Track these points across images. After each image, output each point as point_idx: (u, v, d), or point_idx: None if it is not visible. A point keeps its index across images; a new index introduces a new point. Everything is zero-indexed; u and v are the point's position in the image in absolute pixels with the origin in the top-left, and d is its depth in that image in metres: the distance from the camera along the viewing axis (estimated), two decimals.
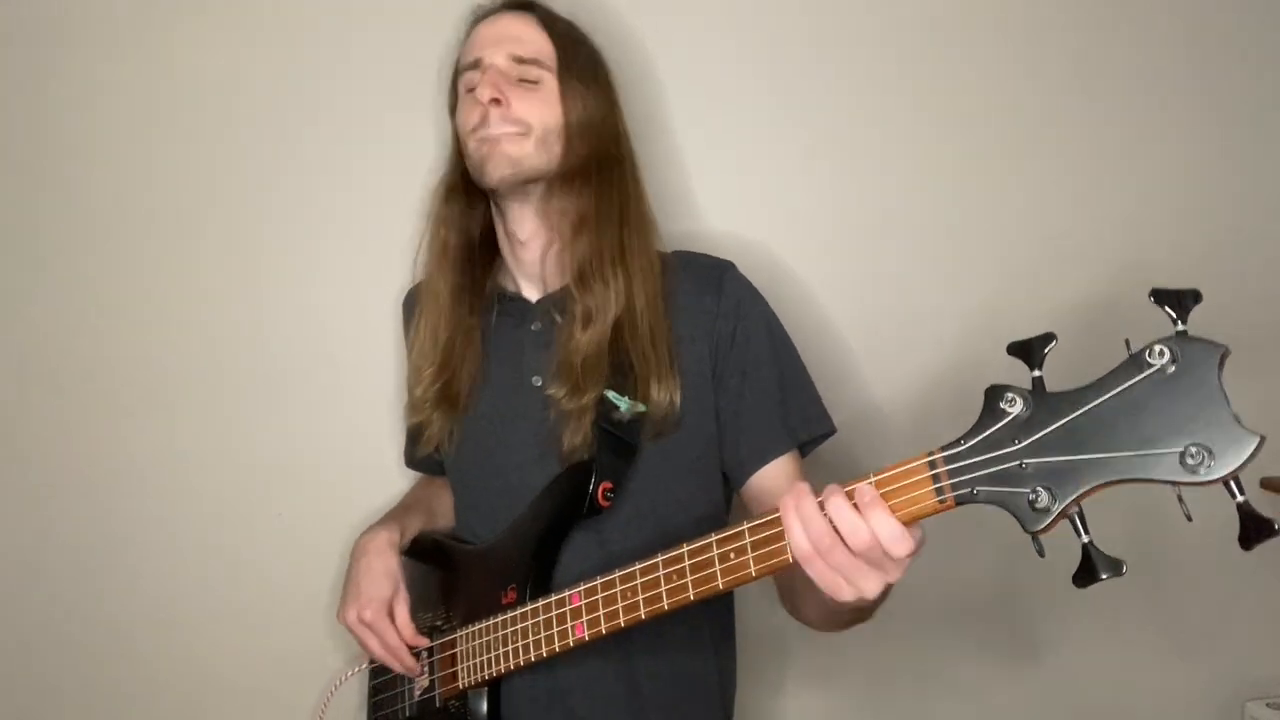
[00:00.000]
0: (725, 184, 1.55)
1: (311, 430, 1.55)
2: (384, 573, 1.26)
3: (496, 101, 1.17)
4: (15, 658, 1.55)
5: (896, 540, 0.82)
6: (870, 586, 0.85)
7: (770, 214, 1.55)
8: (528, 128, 1.18)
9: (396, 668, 1.26)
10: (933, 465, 0.82)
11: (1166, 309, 0.75)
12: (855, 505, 0.84)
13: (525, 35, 1.21)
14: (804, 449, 1.24)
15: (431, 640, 1.27)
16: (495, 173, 1.18)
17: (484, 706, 1.20)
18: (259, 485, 1.55)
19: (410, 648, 1.25)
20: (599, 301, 1.18)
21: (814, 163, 1.55)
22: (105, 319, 1.54)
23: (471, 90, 1.20)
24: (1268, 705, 1.60)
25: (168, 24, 1.51)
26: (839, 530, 0.84)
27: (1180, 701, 1.63)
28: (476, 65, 1.21)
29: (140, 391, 1.54)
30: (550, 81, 1.20)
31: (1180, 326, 0.75)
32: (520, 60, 1.19)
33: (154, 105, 1.52)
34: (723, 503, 1.26)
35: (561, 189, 1.21)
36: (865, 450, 1.50)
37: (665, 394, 1.17)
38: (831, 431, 1.24)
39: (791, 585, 1.14)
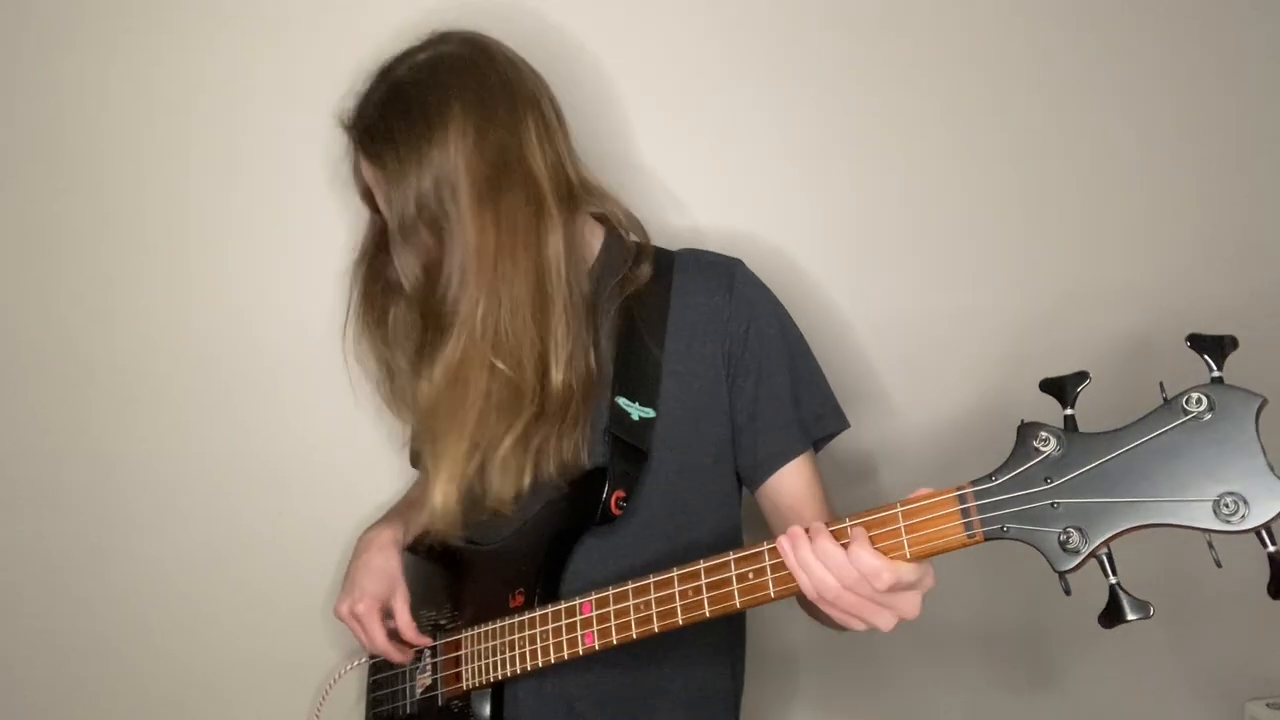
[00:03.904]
0: (735, 180, 1.54)
1: (310, 430, 1.53)
2: (383, 570, 1.26)
3: None
4: (9, 659, 1.54)
5: (875, 574, 0.84)
6: (882, 622, 0.87)
7: (785, 210, 1.54)
8: None
9: (394, 657, 1.27)
10: (962, 500, 0.83)
11: (1205, 357, 0.76)
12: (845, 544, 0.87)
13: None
14: (817, 445, 1.24)
15: (434, 639, 1.27)
16: None
17: (487, 709, 1.20)
18: (258, 485, 1.53)
19: (411, 646, 1.26)
20: None
21: (828, 154, 1.54)
22: (98, 318, 1.52)
23: None
24: (1268, 705, 1.59)
25: (163, 25, 1.48)
26: (835, 572, 0.87)
27: (1180, 701, 1.62)
28: None
29: (136, 391, 1.52)
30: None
31: (1216, 373, 0.75)
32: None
33: (148, 107, 1.49)
34: (737, 506, 1.25)
35: None
36: (882, 453, 1.51)
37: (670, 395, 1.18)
38: (845, 427, 1.24)
39: None
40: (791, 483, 1.20)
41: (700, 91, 1.51)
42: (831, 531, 0.89)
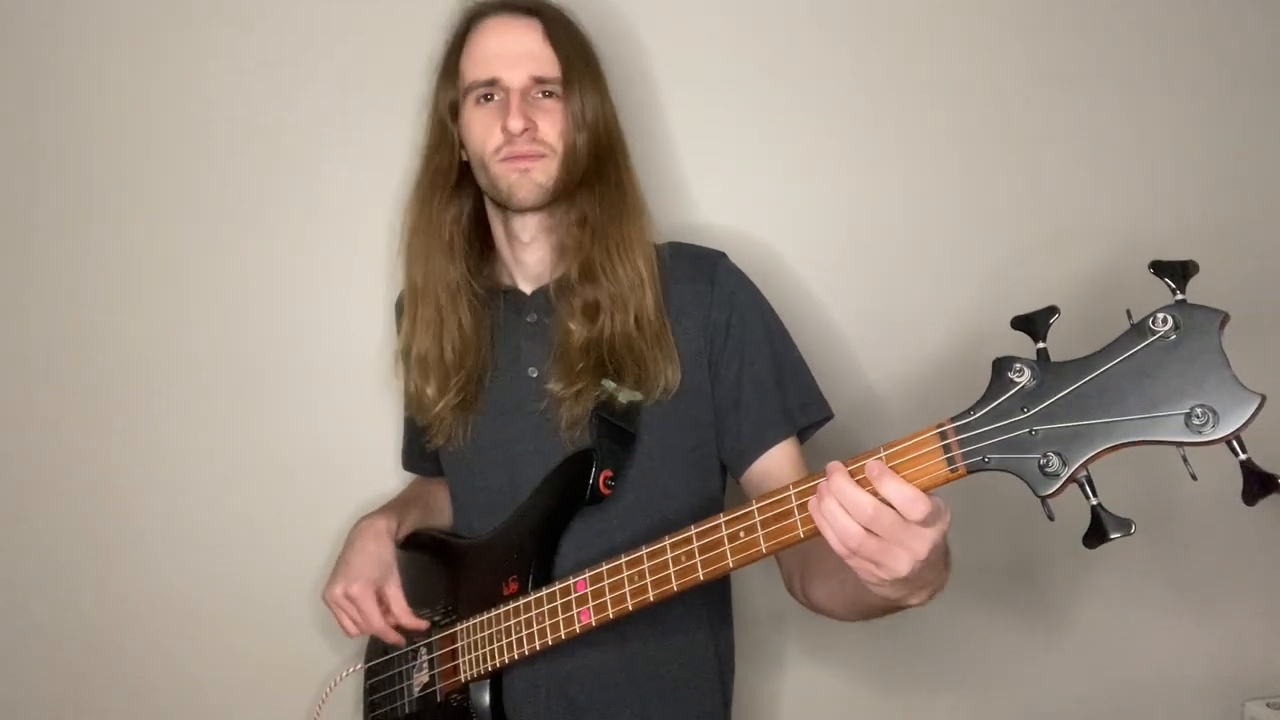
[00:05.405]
0: (720, 176, 1.56)
1: (305, 431, 1.54)
2: (377, 556, 1.26)
3: (525, 129, 1.17)
4: (10, 660, 1.54)
5: (911, 503, 0.83)
6: (899, 565, 0.85)
7: (765, 205, 1.56)
8: (552, 149, 1.19)
9: (390, 639, 1.27)
10: (943, 436, 0.84)
11: (1166, 280, 0.78)
12: (862, 481, 0.86)
13: (539, 51, 1.19)
14: (802, 435, 1.25)
15: (430, 636, 1.26)
16: (526, 199, 1.19)
17: (486, 698, 1.20)
18: (257, 490, 1.54)
19: (407, 630, 1.26)
20: (602, 296, 1.19)
21: (808, 149, 1.56)
22: (96, 320, 1.52)
23: (482, 102, 1.20)
24: (1268, 705, 1.58)
25: (161, 26, 1.50)
26: (855, 515, 0.85)
27: (1180, 701, 1.61)
28: (493, 84, 1.19)
29: (133, 392, 1.53)
30: (561, 96, 1.20)
31: (1180, 296, 0.78)
32: (539, 80, 1.19)
33: (149, 109, 1.51)
34: (719, 492, 1.27)
35: (569, 194, 1.22)
36: (869, 438, 1.52)
37: (668, 379, 1.19)
38: (829, 417, 1.26)
39: (804, 572, 1.15)
40: (777, 468, 1.21)
41: (694, 90, 1.54)
42: (808, 485, 0.91)
